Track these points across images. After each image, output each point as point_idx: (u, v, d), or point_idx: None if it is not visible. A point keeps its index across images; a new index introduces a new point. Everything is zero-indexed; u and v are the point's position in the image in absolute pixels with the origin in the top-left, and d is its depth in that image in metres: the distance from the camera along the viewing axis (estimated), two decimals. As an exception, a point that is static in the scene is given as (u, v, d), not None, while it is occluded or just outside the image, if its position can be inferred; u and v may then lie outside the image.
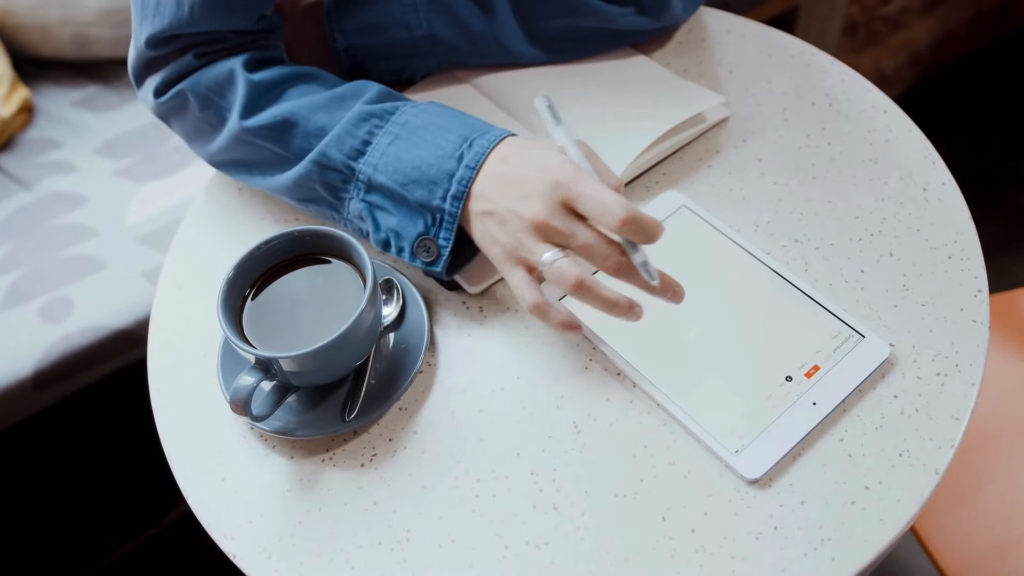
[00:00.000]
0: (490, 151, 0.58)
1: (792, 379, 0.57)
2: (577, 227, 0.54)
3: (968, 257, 0.62)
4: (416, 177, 0.59)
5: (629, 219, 0.51)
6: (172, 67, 0.66)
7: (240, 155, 0.67)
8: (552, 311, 0.55)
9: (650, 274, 0.53)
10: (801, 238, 0.65)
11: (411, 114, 0.61)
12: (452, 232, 0.59)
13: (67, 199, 1.17)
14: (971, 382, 0.56)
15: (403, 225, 0.60)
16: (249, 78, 0.64)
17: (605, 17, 0.73)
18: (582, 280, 0.53)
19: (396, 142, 0.60)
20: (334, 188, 0.62)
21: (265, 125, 0.63)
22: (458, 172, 0.58)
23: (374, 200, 0.61)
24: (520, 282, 0.56)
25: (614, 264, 0.53)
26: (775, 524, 0.52)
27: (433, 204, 0.59)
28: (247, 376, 0.55)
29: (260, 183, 0.67)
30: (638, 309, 0.54)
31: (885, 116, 0.71)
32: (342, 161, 0.61)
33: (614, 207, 0.52)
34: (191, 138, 0.70)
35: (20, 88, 1.28)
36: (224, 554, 0.56)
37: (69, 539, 1.28)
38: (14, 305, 1.05)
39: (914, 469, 0.53)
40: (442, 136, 0.60)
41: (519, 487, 0.55)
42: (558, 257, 0.54)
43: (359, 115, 0.61)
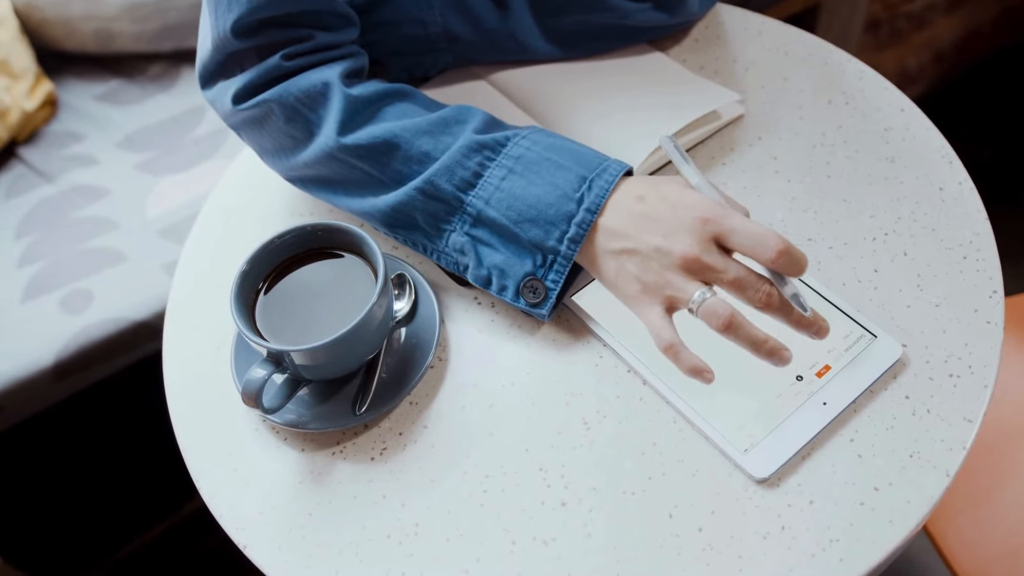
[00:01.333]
0: (612, 191, 0.57)
1: (803, 378, 0.57)
2: (728, 263, 0.53)
3: (984, 258, 0.62)
4: (532, 216, 0.57)
5: (784, 251, 0.51)
6: (256, 70, 0.62)
7: (327, 172, 0.64)
8: (685, 353, 0.53)
9: (803, 307, 0.52)
10: (815, 237, 0.64)
11: (524, 147, 0.59)
12: (563, 275, 0.58)
13: (88, 192, 1.19)
14: (984, 384, 0.56)
15: (510, 263, 0.59)
16: (347, 92, 0.61)
17: (621, 13, 0.73)
18: (733, 317, 0.52)
19: (510, 177, 0.59)
20: (436, 218, 0.60)
21: (364, 145, 0.61)
22: (578, 215, 0.57)
23: (479, 235, 0.59)
24: (658, 320, 0.54)
25: (765, 297, 0.52)
26: (783, 524, 0.52)
27: (548, 245, 0.57)
28: (259, 369, 0.55)
29: (345, 203, 0.64)
30: (787, 354, 0.52)
31: (902, 114, 0.71)
32: (451, 192, 0.59)
33: (768, 240, 0.51)
34: (269, 151, 0.66)
35: (44, 82, 1.30)
36: (235, 546, 0.57)
37: (87, 528, 1.30)
38: (36, 296, 1.07)
39: (925, 471, 0.53)
40: (559, 174, 0.58)
41: (527, 482, 0.56)
42: (707, 295, 0.53)
43: (470, 144, 0.59)
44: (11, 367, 1.01)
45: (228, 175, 0.78)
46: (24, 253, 1.12)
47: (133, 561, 1.34)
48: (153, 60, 1.35)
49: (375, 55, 0.75)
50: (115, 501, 1.30)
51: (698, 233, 0.53)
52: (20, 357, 1.02)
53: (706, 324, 0.53)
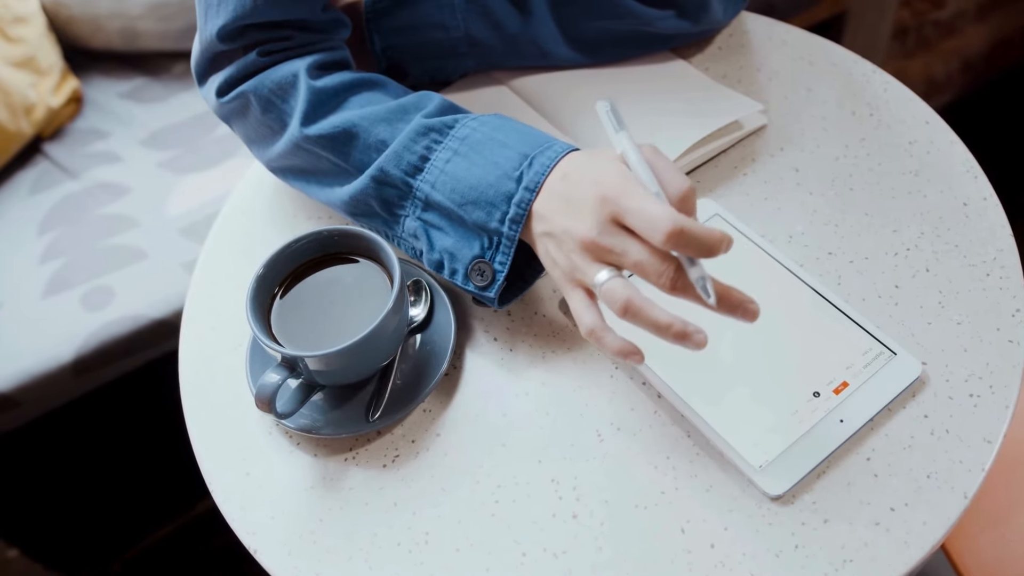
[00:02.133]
0: (551, 169, 0.55)
1: (820, 395, 0.56)
2: (629, 244, 0.49)
3: (1008, 275, 0.61)
4: (474, 198, 0.57)
5: (675, 232, 0.47)
6: (236, 65, 0.65)
7: (299, 163, 0.65)
8: (608, 337, 0.50)
9: (706, 291, 0.48)
10: (835, 251, 0.64)
11: (470, 127, 0.59)
12: (509, 256, 0.57)
13: (111, 189, 1.20)
14: (1005, 404, 0.55)
15: (458, 247, 0.58)
16: (311, 84, 0.62)
17: (644, 20, 0.72)
18: (630, 301, 0.48)
19: (455, 159, 0.58)
20: (390, 204, 0.61)
21: (325, 134, 0.61)
22: (517, 194, 0.55)
23: (430, 219, 0.59)
24: (579, 305, 0.52)
25: (668, 282, 0.48)
26: (796, 542, 0.51)
27: (491, 227, 0.57)
28: (273, 374, 0.55)
29: (317, 194, 0.66)
30: (699, 337, 0.48)
31: (927, 127, 0.70)
32: (400, 177, 0.59)
33: (659, 220, 0.47)
34: (252, 141, 0.69)
35: (70, 79, 1.31)
36: (246, 548, 0.57)
37: (103, 523, 1.31)
38: (57, 292, 1.08)
39: (942, 492, 0.52)
40: (501, 153, 0.57)
41: (539, 494, 0.55)
42: (608, 278, 0.50)
43: (417, 129, 0.59)
44: (31, 363, 1.02)
45: (248, 176, 0.78)
46: (47, 249, 1.13)
47: (149, 556, 1.35)
48: (177, 59, 1.36)
49: (396, 60, 0.75)
50: (131, 497, 1.31)
51: (597, 213, 0.51)
52: (40, 353, 1.03)
53: (609, 308, 0.50)
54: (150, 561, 1.36)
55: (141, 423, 1.22)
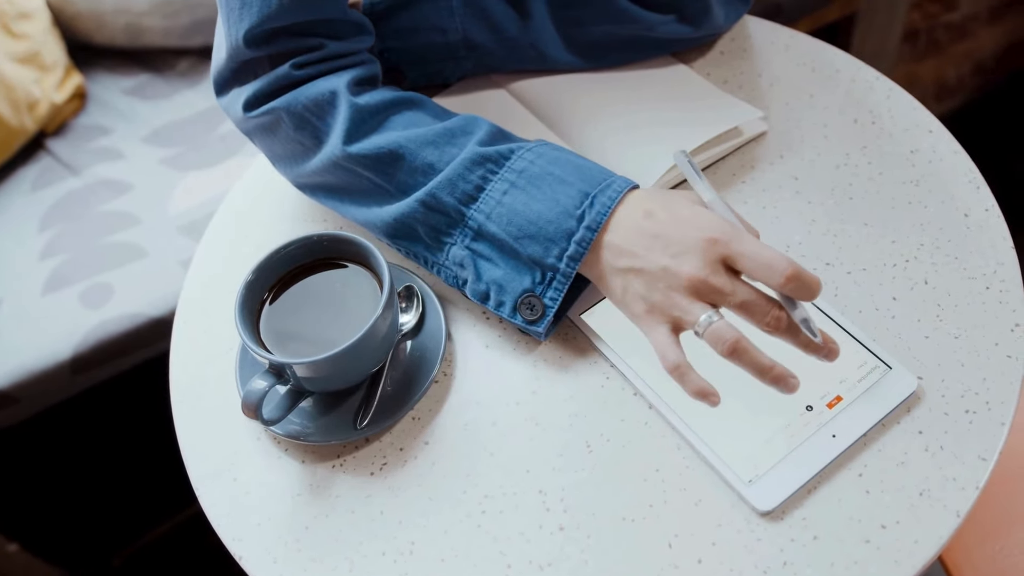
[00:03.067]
0: (615, 208, 0.56)
1: (813, 409, 0.55)
2: (736, 285, 0.51)
3: (1008, 289, 0.60)
4: (532, 232, 0.56)
5: (793, 275, 0.49)
6: (266, 78, 0.62)
7: (334, 180, 0.64)
8: (691, 375, 0.52)
9: (812, 331, 0.50)
10: (833, 261, 0.63)
11: (527, 160, 0.59)
12: (561, 293, 0.57)
13: (113, 186, 1.20)
14: (1001, 421, 0.54)
15: (508, 279, 0.58)
16: (353, 101, 0.61)
17: (645, 25, 0.71)
18: (739, 342, 0.50)
19: (512, 191, 0.58)
20: (438, 231, 0.60)
21: (369, 154, 0.60)
22: (578, 233, 0.56)
23: (480, 249, 0.59)
24: (664, 341, 0.53)
25: (774, 320, 0.51)
26: (784, 559, 0.51)
27: (547, 262, 0.57)
28: (260, 380, 0.55)
29: (352, 213, 0.64)
30: (794, 381, 0.51)
31: (930, 136, 0.69)
32: (452, 205, 0.59)
33: (777, 264, 0.49)
34: (279, 158, 0.67)
35: (74, 74, 1.31)
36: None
37: (103, 519, 1.32)
38: (56, 289, 1.08)
39: (935, 510, 0.51)
40: (561, 190, 0.57)
41: (526, 505, 0.55)
42: (715, 319, 0.51)
43: (472, 158, 0.59)
44: (29, 359, 1.02)
45: (244, 177, 0.77)
46: (47, 246, 1.13)
47: (150, 551, 1.35)
48: (182, 55, 1.36)
49: (394, 62, 0.74)
50: (131, 493, 1.31)
51: (706, 254, 0.52)
52: (38, 349, 1.03)
53: (711, 348, 0.51)
54: (151, 556, 1.36)
55: (140, 420, 1.22)
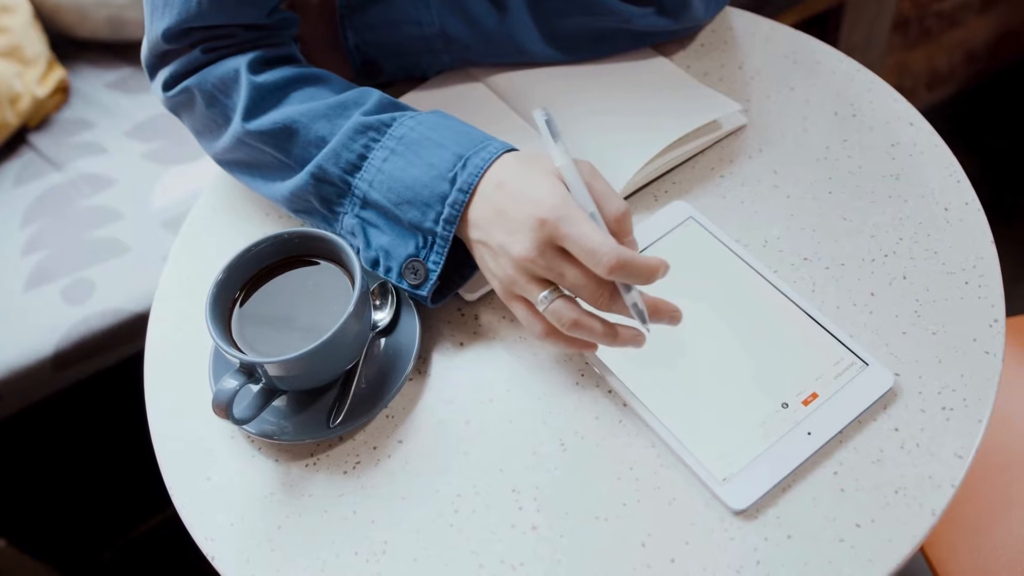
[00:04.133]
0: (485, 171, 0.56)
1: (788, 406, 0.55)
2: (564, 267, 0.51)
3: (986, 284, 0.59)
4: (409, 197, 0.57)
5: (617, 265, 0.49)
6: (181, 61, 0.66)
7: (243, 156, 0.66)
8: (560, 337, 0.54)
9: (641, 316, 0.51)
10: (811, 256, 0.62)
11: (408, 127, 0.59)
12: (442, 256, 0.57)
13: (95, 181, 1.19)
14: (978, 418, 0.54)
15: (394, 245, 0.58)
16: (252, 80, 0.63)
17: (623, 17, 0.71)
18: (578, 321, 0.52)
19: (392, 158, 0.58)
20: (329, 202, 0.61)
21: (265, 130, 0.62)
22: (451, 195, 0.56)
23: (368, 217, 0.59)
24: (524, 315, 0.55)
25: (604, 304, 0.52)
26: (758, 558, 0.50)
27: (425, 226, 0.57)
28: (230, 379, 0.54)
29: (261, 188, 0.66)
30: (640, 339, 0.53)
31: (911, 129, 0.68)
32: (338, 175, 0.59)
33: (601, 253, 0.49)
34: (199, 134, 0.69)
35: (57, 68, 1.30)
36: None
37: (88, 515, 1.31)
38: (38, 285, 1.07)
39: (910, 509, 0.51)
40: (437, 154, 0.57)
41: (499, 504, 0.54)
42: (552, 298, 0.52)
43: (356, 127, 0.59)
44: (11, 356, 1.02)
45: (219, 173, 0.77)
46: (29, 241, 1.12)
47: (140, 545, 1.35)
48: (166, 48, 1.35)
49: (371, 55, 0.73)
50: (118, 488, 1.30)
51: (535, 234, 0.52)
52: (20, 346, 1.02)
53: (556, 325, 0.53)
54: (142, 549, 1.36)
55: (124, 416, 1.21)
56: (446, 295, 0.61)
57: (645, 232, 0.64)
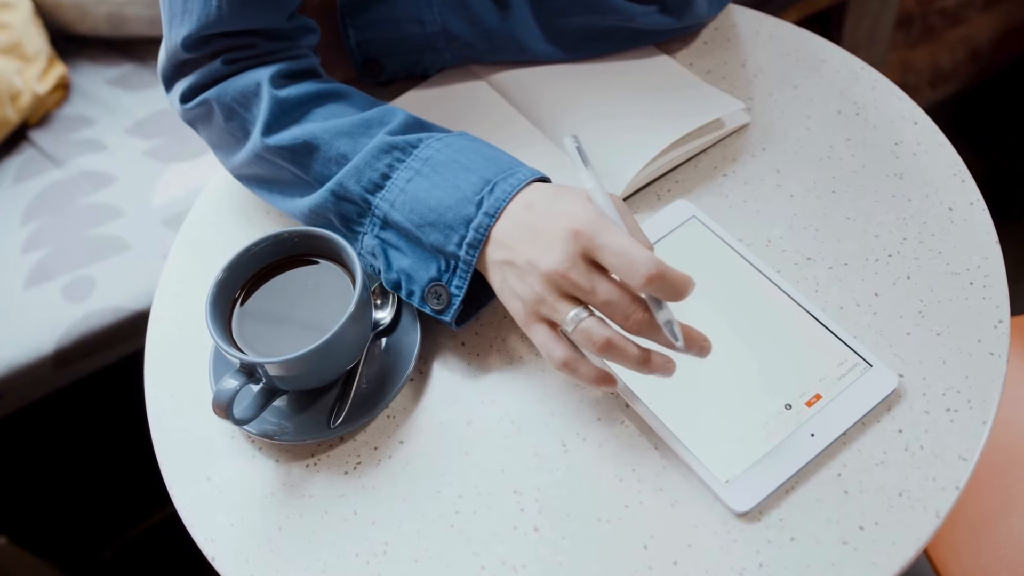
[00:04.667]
0: (513, 196, 0.54)
1: (791, 407, 0.54)
2: (598, 281, 0.49)
3: (991, 284, 0.59)
4: (432, 220, 0.55)
5: (656, 275, 0.47)
6: (200, 72, 0.64)
7: (261, 172, 0.65)
8: (584, 366, 0.51)
9: (674, 335, 0.49)
10: (814, 256, 0.62)
11: (434, 149, 0.58)
12: (466, 281, 0.56)
13: (96, 178, 1.18)
14: (983, 420, 0.53)
15: (415, 268, 0.57)
16: (274, 94, 0.61)
17: (626, 15, 0.70)
18: (611, 341, 0.49)
19: (416, 179, 0.57)
20: (349, 221, 0.60)
21: (285, 146, 0.61)
22: (476, 219, 0.54)
23: (388, 238, 0.58)
24: (545, 339, 0.52)
25: (635, 324, 0.49)
26: (761, 561, 0.50)
27: (448, 250, 0.55)
28: (230, 379, 0.54)
29: (280, 203, 0.65)
30: (671, 366, 0.50)
31: (915, 128, 0.68)
32: (359, 194, 0.58)
33: (640, 262, 0.47)
34: (216, 147, 0.68)
35: (57, 65, 1.30)
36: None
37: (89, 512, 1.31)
38: (38, 283, 1.07)
39: (914, 511, 0.50)
40: (463, 177, 0.56)
41: (501, 505, 0.54)
42: (583, 317, 0.50)
43: (380, 146, 0.58)
44: (11, 354, 1.01)
45: (220, 172, 0.76)
46: (29, 239, 1.12)
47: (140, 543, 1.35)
48: (167, 44, 1.34)
49: (372, 53, 0.73)
50: (119, 486, 1.30)
51: (568, 247, 0.50)
52: (21, 344, 1.02)
53: (583, 347, 0.50)
54: (142, 548, 1.36)
55: (124, 413, 1.21)
56: (468, 318, 0.61)
57: (647, 231, 0.63)
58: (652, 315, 0.49)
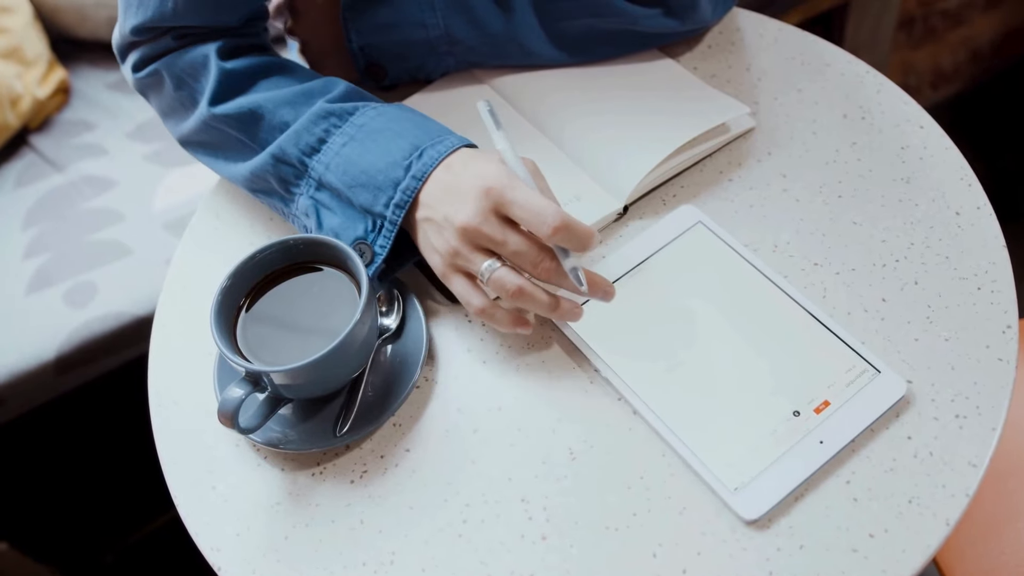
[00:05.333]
0: (439, 162, 0.58)
1: (800, 414, 0.54)
2: (508, 234, 0.54)
3: (999, 289, 0.58)
4: (363, 181, 0.59)
5: (562, 226, 0.52)
6: (151, 45, 0.67)
7: (208, 138, 0.67)
8: (500, 312, 0.56)
9: (579, 279, 0.54)
10: (821, 261, 0.61)
11: (369, 116, 0.61)
12: (390, 240, 0.59)
13: (97, 182, 1.18)
14: (992, 426, 0.53)
15: (344, 226, 0.60)
16: (221, 66, 0.64)
17: (629, 19, 0.70)
18: (522, 289, 0.54)
19: (350, 143, 0.60)
20: (286, 182, 0.62)
21: (232, 115, 0.63)
22: (404, 181, 0.58)
23: (321, 198, 0.61)
24: (463, 289, 0.56)
25: (544, 270, 0.54)
26: (770, 569, 0.50)
27: (375, 210, 0.58)
28: (236, 388, 0.54)
29: (222, 169, 0.67)
30: (579, 311, 0.56)
31: (921, 132, 0.67)
32: (296, 156, 0.61)
33: (547, 214, 0.52)
34: (166, 115, 0.70)
35: (57, 69, 1.29)
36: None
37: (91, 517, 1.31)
38: (40, 289, 1.07)
39: (923, 518, 0.50)
40: (394, 143, 0.59)
41: (508, 514, 0.54)
42: (496, 267, 0.54)
43: (319, 112, 0.61)
44: (13, 360, 1.01)
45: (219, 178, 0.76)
46: (30, 244, 1.12)
47: (141, 547, 1.35)
48: (167, 48, 1.34)
49: (375, 58, 0.73)
50: (120, 490, 1.30)
51: (480, 202, 0.54)
52: (22, 350, 1.02)
53: (498, 294, 0.55)
54: (143, 552, 1.35)
55: (126, 419, 1.21)
56: (387, 277, 0.63)
57: (653, 237, 0.63)
58: (559, 263, 0.54)
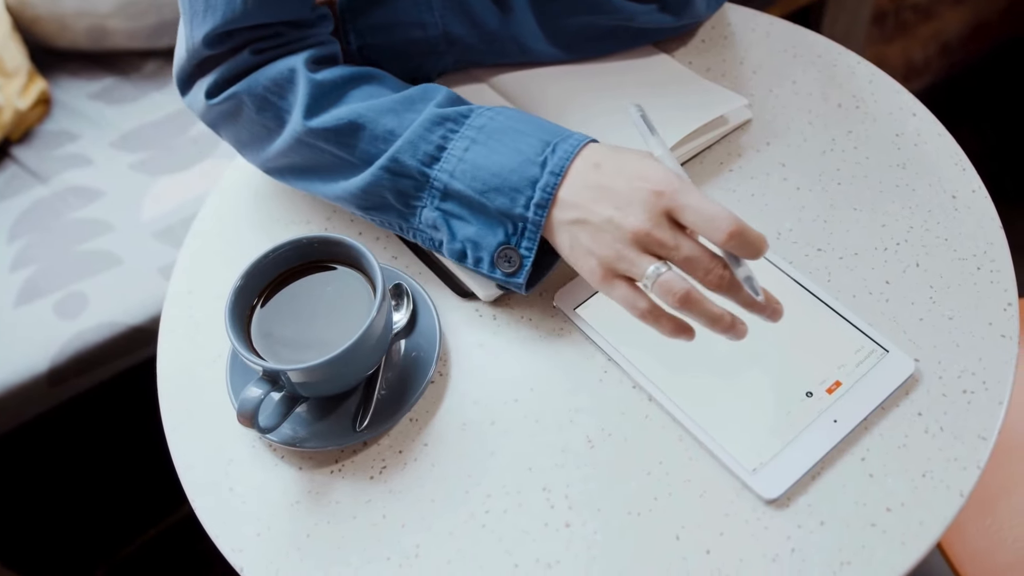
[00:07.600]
0: (575, 155, 0.56)
1: (813, 395, 0.55)
2: (680, 239, 0.51)
3: (998, 268, 0.60)
4: (496, 184, 0.56)
5: (736, 232, 0.49)
6: (226, 66, 0.63)
7: (299, 159, 0.64)
8: (666, 317, 0.53)
9: (755, 289, 0.51)
10: (824, 247, 0.63)
11: (487, 117, 0.58)
12: (535, 242, 0.56)
13: (83, 193, 1.17)
14: (999, 400, 0.54)
15: (482, 235, 0.58)
16: (311, 77, 0.61)
17: (626, 15, 0.71)
18: (689, 293, 0.50)
19: (473, 147, 0.57)
20: (405, 196, 0.60)
21: (330, 127, 0.60)
22: (542, 179, 0.55)
23: (449, 208, 0.58)
24: (627, 293, 0.53)
25: (716, 278, 0.50)
26: (792, 546, 0.51)
27: (515, 212, 0.56)
28: (254, 388, 0.54)
29: (320, 190, 0.64)
30: (742, 327, 0.52)
31: (914, 119, 0.69)
32: (416, 167, 0.58)
33: (721, 219, 0.49)
34: (245, 144, 0.67)
35: (37, 80, 1.28)
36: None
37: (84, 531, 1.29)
38: (29, 301, 1.06)
39: (938, 491, 0.51)
40: (522, 140, 0.57)
41: (530, 503, 0.54)
42: (663, 270, 0.51)
43: (432, 119, 0.58)
44: (5, 373, 1.00)
45: (223, 181, 0.76)
46: (17, 256, 1.11)
47: (134, 561, 1.33)
48: (148, 57, 1.33)
49: (373, 59, 0.73)
50: (112, 503, 1.29)
51: (651, 206, 0.52)
52: (14, 363, 1.00)
53: (661, 300, 0.52)
54: (135, 566, 1.34)
55: (120, 431, 1.20)
56: (538, 281, 0.61)
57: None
58: (732, 271, 0.51)
